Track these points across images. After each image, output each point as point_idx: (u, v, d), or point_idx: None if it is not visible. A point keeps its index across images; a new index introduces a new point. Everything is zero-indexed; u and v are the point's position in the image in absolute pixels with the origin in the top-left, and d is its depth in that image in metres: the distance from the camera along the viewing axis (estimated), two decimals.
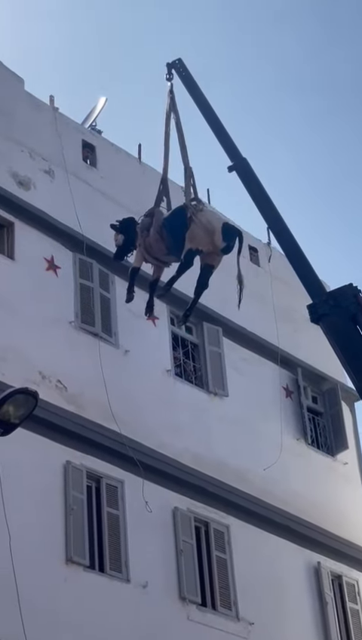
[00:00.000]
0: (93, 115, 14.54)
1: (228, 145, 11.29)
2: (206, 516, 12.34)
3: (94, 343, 12.12)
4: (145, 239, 10.87)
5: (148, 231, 10.86)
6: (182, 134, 11.24)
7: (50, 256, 12.25)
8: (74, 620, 10.23)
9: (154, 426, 12.21)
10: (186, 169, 11.08)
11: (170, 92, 11.48)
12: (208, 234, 10.61)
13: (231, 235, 10.79)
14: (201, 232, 10.58)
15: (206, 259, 10.90)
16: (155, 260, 11.09)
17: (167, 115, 11.33)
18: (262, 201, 10.87)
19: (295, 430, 14.36)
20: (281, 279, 15.17)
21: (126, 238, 11.00)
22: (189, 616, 11.52)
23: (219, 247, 10.72)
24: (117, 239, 11.12)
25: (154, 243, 10.86)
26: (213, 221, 10.71)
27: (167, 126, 11.29)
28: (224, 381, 13.62)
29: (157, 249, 10.91)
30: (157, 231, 10.79)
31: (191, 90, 11.59)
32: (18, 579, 9.66)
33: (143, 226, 10.94)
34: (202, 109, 11.51)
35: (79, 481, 11.02)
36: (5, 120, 12.54)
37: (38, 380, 11.10)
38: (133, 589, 11.04)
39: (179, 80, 11.71)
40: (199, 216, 10.69)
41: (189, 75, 11.66)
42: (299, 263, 10.56)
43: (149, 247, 10.90)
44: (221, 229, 10.65)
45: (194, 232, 10.59)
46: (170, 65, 11.73)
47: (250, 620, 12.13)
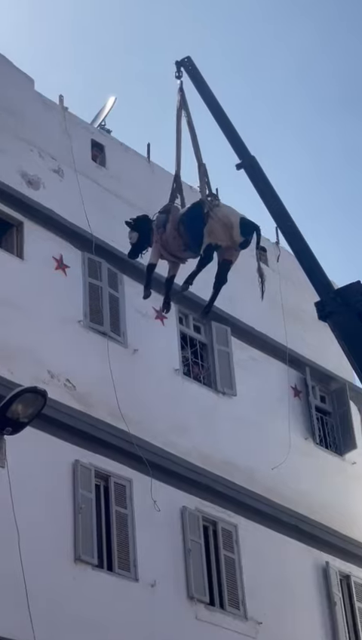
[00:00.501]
0: (102, 115, 14.56)
1: (237, 143, 11.32)
2: (214, 515, 12.34)
3: (103, 342, 12.14)
4: (162, 235, 10.92)
5: (165, 227, 10.89)
6: (194, 131, 11.28)
7: (59, 256, 12.27)
8: (82, 618, 10.24)
9: (162, 425, 12.22)
10: (200, 165, 11.13)
11: (180, 90, 11.52)
12: (226, 229, 10.67)
13: (248, 230, 10.84)
14: (219, 227, 10.64)
15: (224, 254, 10.95)
16: (172, 256, 11.14)
17: (177, 113, 11.38)
18: (270, 198, 10.89)
19: (303, 430, 14.35)
20: (290, 279, 15.16)
21: (140, 236, 11.04)
22: (197, 616, 11.53)
23: (238, 242, 10.79)
24: (131, 237, 11.16)
25: (171, 239, 10.90)
26: (230, 216, 10.77)
27: (179, 124, 11.34)
28: (232, 380, 13.63)
29: (175, 245, 10.95)
30: (175, 227, 10.84)
31: (199, 88, 11.63)
32: (27, 577, 9.68)
33: (159, 223, 10.99)
34: (211, 107, 11.54)
35: (88, 480, 11.04)
36: (15, 119, 12.57)
37: (46, 378, 11.12)
38: (141, 588, 11.06)
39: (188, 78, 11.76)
40: (216, 211, 10.74)
41: (198, 73, 11.69)
42: (306, 261, 10.59)
43: (166, 243, 10.94)
44: (239, 223, 10.70)
45: (213, 227, 10.65)
46: (179, 63, 11.77)
47: (258, 619, 12.13)
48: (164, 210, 11.10)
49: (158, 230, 10.96)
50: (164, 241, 10.95)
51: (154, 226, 11.01)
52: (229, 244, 10.80)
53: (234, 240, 10.76)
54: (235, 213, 10.88)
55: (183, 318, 13.66)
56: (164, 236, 10.93)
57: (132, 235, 11.16)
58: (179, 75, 11.71)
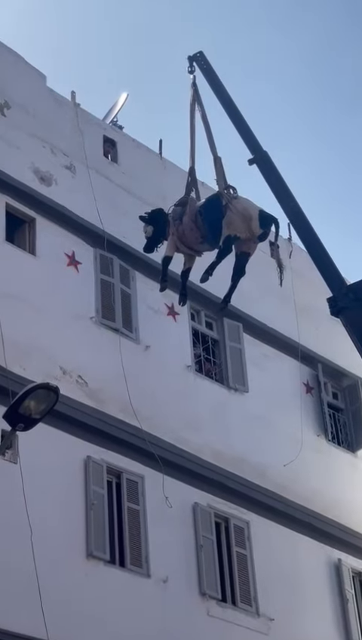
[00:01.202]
0: (114, 111, 14.54)
1: (249, 137, 11.31)
2: (226, 512, 12.34)
3: (115, 338, 12.14)
4: (178, 228, 10.92)
5: (181, 219, 10.90)
6: (209, 126, 11.28)
7: (71, 252, 12.28)
8: (94, 614, 10.26)
9: (174, 421, 12.22)
10: (216, 159, 11.14)
11: (193, 85, 11.53)
12: (245, 221, 10.68)
13: (267, 222, 10.86)
14: (238, 219, 10.65)
15: (241, 246, 10.97)
16: (188, 248, 11.14)
17: (191, 108, 11.38)
18: (283, 193, 10.89)
19: (315, 426, 14.33)
20: (302, 275, 15.12)
21: (155, 229, 11.04)
22: (209, 612, 11.53)
23: (256, 234, 10.80)
24: (146, 231, 11.15)
25: (188, 231, 10.90)
26: (249, 208, 10.78)
27: (192, 118, 11.35)
28: (244, 377, 13.61)
29: (191, 237, 10.95)
30: (192, 219, 10.84)
31: (212, 82, 11.62)
32: (39, 573, 9.71)
33: (175, 215, 10.99)
34: (223, 102, 11.53)
35: (100, 476, 11.05)
36: (27, 116, 12.57)
37: (59, 375, 11.13)
38: (153, 584, 11.07)
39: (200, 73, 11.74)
40: (235, 203, 10.76)
41: (210, 68, 11.68)
42: (318, 256, 10.58)
43: (182, 235, 10.95)
44: (258, 216, 10.71)
45: (231, 219, 10.66)
46: (192, 58, 11.77)
47: (270, 615, 12.13)
48: (180, 202, 11.10)
49: (175, 222, 10.97)
50: (180, 233, 10.96)
51: (171, 218, 11.02)
52: (248, 236, 10.82)
53: (253, 232, 10.78)
54: (254, 206, 10.89)
55: (195, 315, 13.65)
56: (180, 228, 10.94)
57: (147, 229, 11.16)
58: (192, 70, 11.71)
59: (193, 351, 13.26)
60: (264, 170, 11.12)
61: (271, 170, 11.09)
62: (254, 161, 11.22)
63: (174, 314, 13.14)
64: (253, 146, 11.25)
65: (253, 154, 11.22)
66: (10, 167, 11.90)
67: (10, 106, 12.39)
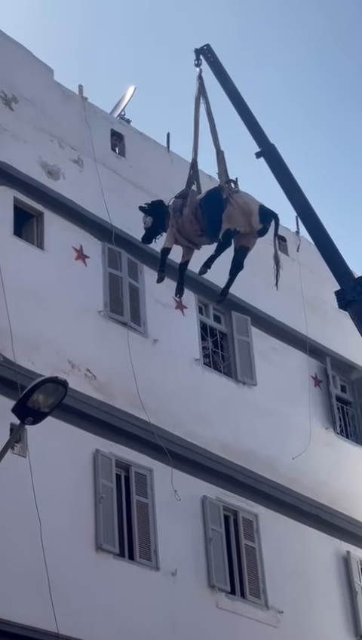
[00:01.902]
0: (121, 105, 14.53)
1: (257, 131, 11.31)
2: (235, 505, 12.35)
3: (123, 332, 12.15)
4: (178, 220, 10.93)
5: (181, 212, 10.90)
6: (213, 119, 11.28)
7: (79, 246, 12.28)
8: (104, 607, 10.29)
9: (182, 414, 12.23)
10: (218, 152, 11.14)
11: (199, 77, 11.52)
12: (245, 215, 10.68)
13: (267, 218, 10.86)
14: (238, 214, 10.65)
15: (241, 240, 10.97)
16: (187, 241, 11.15)
17: (196, 101, 11.38)
18: (290, 186, 10.89)
19: (324, 419, 14.32)
20: (310, 268, 15.11)
21: (154, 221, 11.05)
22: (218, 604, 11.56)
23: (256, 229, 10.82)
24: (146, 222, 11.17)
25: (188, 224, 10.91)
26: (249, 203, 10.78)
27: (197, 111, 11.35)
28: (252, 370, 13.61)
29: (191, 230, 10.96)
30: (192, 212, 10.85)
31: (219, 76, 11.61)
32: (49, 566, 9.74)
33: (176, 207, 11.00)
34: (230, 95, 11.52)
35: (108, 470, 11.08)
36: (35, 110, 12.57)
37: (67, 369, 11.15)
38: (162, 577, 11.09)
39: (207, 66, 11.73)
40: (235, 197, 10.75)
41: (217, 61, 11.67)
42: (326, 249, 10.58)
43: (182, 227, 10.96)
44: (258, 211, 10.70)
45: (231, 213, 10.66)
46: (199, 51, 11.77)
47: (279, 608, 12.15)
48: (181, 194, 11.11)
49: (175, 215, 10.98)
50: (180, 225, 10.97)
51: (171, 210, 11.03)
52: (247, 230, 10.82)
53: (252, 227, 10.79)
54: (254, 201, 10.89)
55: (203, 308, 13.65)
56: (180, 221, 10.95)
57: (146, 220, 11.19)
58: (198, 62, 11.71)
59: (201, 344, 13.27)
60: (271, 163, 11.11)
61: (279, 163, 11.08)
62: (261, 154, 11.21)
63: (182, 307, 13.15)
64: (260, 139, 11.24)
65: (260, 147, 11.22)
66: (17, 161, 11.91)
67: (18, 100, 12.39)
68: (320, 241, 10.68)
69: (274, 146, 11.24)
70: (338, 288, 10.49)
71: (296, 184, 10.96)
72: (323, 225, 10.77)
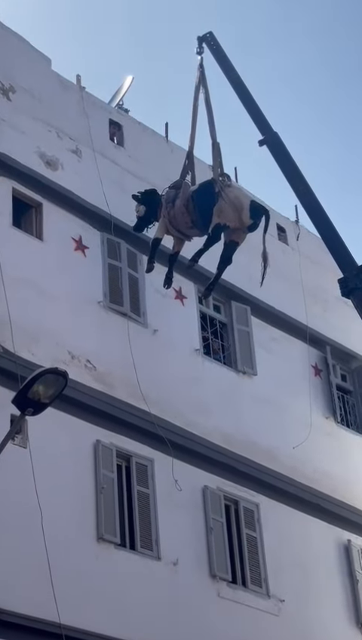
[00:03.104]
0: (120, 94, 14.47)
1: (259, 119, 11.27)
2: (236, 495, 12.36)
3: (123, 322, 12.14)
4: (170, 211, 10.90)
5: (174, 203, 10.86)
6: (211, 109, 11.22)
7: (78, 237, 12.26)
8: (105, 596, 10.32)
9: (183, 405, 12.23)
10: (214, 144, 11.09)
11: (200, 66, 11.45)
12: (236, 210, 10.64)
13: (258, 213, 10.81)
14: (229, 208, 10.61)
15: (231, 235, 10.94)
16: (178, 232, 11.13)
17: (196, 90, 11.32)
18: (293, 174, 10.86)
19: (324, 408, 14.33)
20: (310, 257, 15.10)
21: (147, 210, 11.02)
22: (220, 594, 11.58)
23: (246, 225, 10.77)
24: (138, 210, 11.15)
25: (179, 215, 10.88)
26: (240, 198, 10.73)
27: (196, 100, 11.29)
28: (253, 360, 13.61)
29: (182, 221, 10.93)
30: (184, 204, 10.81)
31: (222, 63, 11.54)
32: (50, 556, 9.76)
33: (168, 198, 10.96)
34: (233, 83, 11.47)
35: (109, 460, 11.09)
36: (32, 100, 12.52)
37: (67, 359, 11.14)
38: (163, 567, 11.12)
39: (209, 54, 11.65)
40: (227, 191, 10.71)
41: (220, 49, 11.60)
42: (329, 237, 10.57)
43: (173, 218, 10.93)
44: (249, 206, 10.65)
45: (222, 208, 10.62)
46: (201, 38, 11.68)
47: (280, 597, 12.18)
48: (174, 185, 11.07)
49: (167, 205, 10.94)
50: (171, 216, 10.94)
51: (164, 200, 11.00)
52: (237, 225, 10.79)
53: (242, 222, 10.75)
54: (246, 196, 10.86)
55: (203, 298, 13.63)
56: (172, 212, 10.92)
57: (139, 209, 11.16)
58: (201, 50, 11.63)
59: (201, 334, 13.26)
60: (274, 152, 11.08)
61: (282, 151, 11.06)
62: (264, 142, 11.18)
63: (182, 298, 13.13)
64: (263, 127, 11.20)
65: (263, 135, 11.19)
66: (16, 151, 11.87)
67: (16, 90, 12.34)
68: (323, 229, 10.67)
69: (277, 133, 11.20)
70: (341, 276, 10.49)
71: (298, 172, 10.94)
72: (325, 213, 10.75)
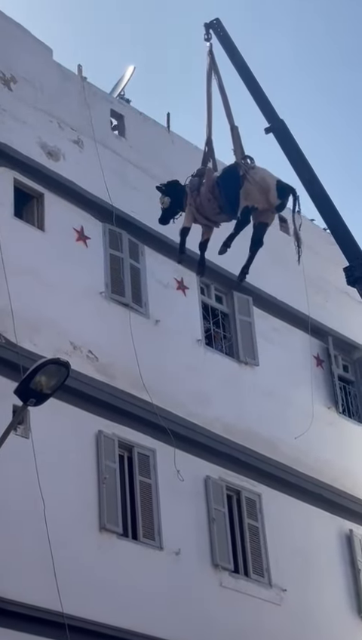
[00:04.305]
0: (121, 84, 14.45)
1: (266, 106, 11.26)
2: (238, 485, 12.39)
3: (125, 313, 12.15)
4: (196, 199, 10.88)
5: (199, 190, 10.85)
6: (225, 94, 11.19)
7: (80, 227, 12.25)
8: (108, 586, 10.35)
9: (185, 395, 12.24)
10: (233, 128, 11.08)
11: (210, 52, 11.43)
12: (263, 191, 10.64)
13: (285, 193, 10.81)
14: (256, 190, 10.62)
15: (259, 216, 10.94)
16: (206, 219, 11.12)
17: (208, 76, 11.29)
18: (299, 162, 10.85)
19: (326, 399, 14.34)
20: (311, 248, 15.06)
21: (172, 201, 11.00)
22: (222, 583, 11.61)
23: (274, 205, 10.77)
24: (163, 202, 11.12)
25: (206, 202, 10.87)
26: (266, 179, 10.73)
27: (209, 87, 11.28)
28: (255, 350, 13.61)
29: (209, 208, 10.92)
30: (210, 190, 10.80)
31: (228, 51, 11.53)
32: (53, 546, 9.79)
33: (193, 186, 10.95)
34: (239, 70, 11.45)
35: (111, 451, 11.11)
36: (34, 90, 12.50)
37: (69, 350, 11.15)
38: (166, 556, 11.15)
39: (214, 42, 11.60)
40: (252, 173, 10.71)
41: (227, 36, 11.59)
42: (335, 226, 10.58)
43: (200, 206, 10.92)
44: (275, 186, 10.65)
45: (249, 190, 10.63)
46: (208, 25, 11.67)
47: (282, 586, 12.21)
48: (198, 173, 11.05)
49: (192, 193, 10.92)
50: (198, 204, 10.92)
51: (188, 189, 10.98)
52: (265, 206, 10.79)
53: (270, 202, 10.75)
54: (271, 176, 10.83)
55: (205, 289, 13.64)
56: (198, 199, 10.90)
57: (164, 200, 11.12)
58: (208, 37, 11.61)
59: (203, 325, 13.26)
60: (280, 139, 11.07)
61: (288, 138, 11.05)
62: (271, 130, 11.17)
63: (184, 288, 13.14)
64: (270, 115, 11.19)
65: (270, 122, 11.17)
66: (17, 142, 11.85)
67: (17, 80, 12.32)
68: (329, 217, 10.67)
69: (283, 121, 11.18)
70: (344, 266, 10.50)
71: (304, 159, 10.93)
72: (331, 201, 10.75)
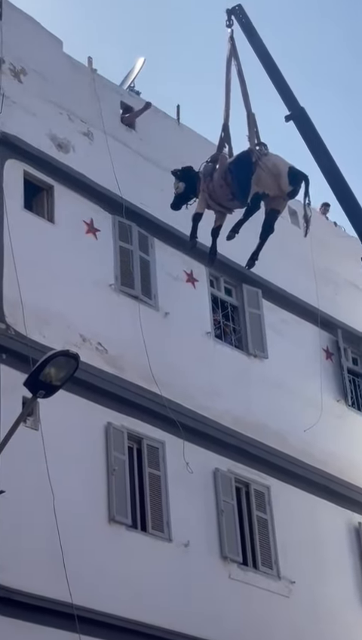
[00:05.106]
0: (131, 76, 14.42)
1: (287, 93, 11.22)
2: (246, 477, 12.40)
3: (134, 305, 12.15)
4: (209, 185, 10.86)
5: (212, 176, 10.83)
6: (244, 81, 11.16)
7: (90, 219, 12.25)
8: (117, 577, 10.38)
9: (194, 387, 12.25)
10: (249, 115, 11.06)
11: (231, 39, 11.39)
12: (274, 178, 10.60)
13: (297, 179, 10.76)
14: (267, 176, 10.57)
15: (271, 203, 10.90)
16: (219, 205, 11.08)
17: (228, 62, 11.27)
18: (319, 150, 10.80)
19: (335, 391, 14.33)
20: (321, 241, 15.04)
21: (187, 186, 10.98)
22: (231, 575, 11.64)
23: (286, 192, 10.72)
24: (178, 187, 11.10)
25: (218, 188, 10.85)
26: (278, 165, 10.68)
27: (228, 73, 11.25)
28: (264, 343, 13.61)
29: (222, 194, 10.90)
30: (222, 176, 10.78)
31: (250, 37, 11.49)
32: (62, 538, 9.82)
33: (206, 172, 10.93)
34: (261, 57, 11.40)
35: (120, 443, 11.13)
36: (44, 82, 12.49)
37: (78, 342, 11.17)
38: (175, 548, 11.17)
39: None
40: (264, 160, 10.66)
41: (249, 22, 11.54)
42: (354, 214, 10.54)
43: (213, 192, 10.89)
44: (287, 172, 10.61)
45: (260, 176, 10.58)
46: (230, 11, 11.63)
47: (291, 578, 12.23)
48: (212, 159, 11.03)
49: (205, 179, 10.90)
50: (211, 190, 10.89)
51: (201, 175, 10.97)
52: (277, 193, 10.73)
53: (282, 189, 10.69)
54: (284, 162, 10.77)
55: (214, 281, 13.63)
56: (211, 185, 10.87)
57: (178, 185, 11.10)
58: (230, 23, 11.58)
59: (212, 317, 13.26)
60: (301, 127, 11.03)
61: (308, 126, 11.00)
62: (291, 118, 11.12)
63: (193, 280, 13.13)
64: (290, 102, 11.15)
65: (290, 110, 11.12)
66: (27, 134, 11.85)
67: (27, 72, 12.31)
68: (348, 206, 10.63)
69: (303, 109, 11.13)
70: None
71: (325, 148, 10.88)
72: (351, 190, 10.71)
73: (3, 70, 11.97)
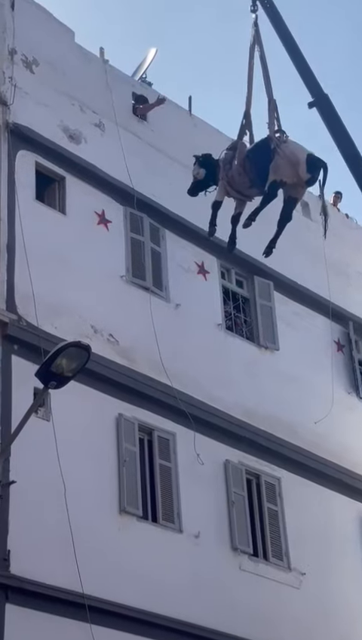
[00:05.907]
0: (143, 67, 14.39)
1: (310, 80, 11.17)
2: (257, 469, 12.41)
3: (145, 297, 12.16)
4: (228, 172, 10.83)
5: (231, 164, 10.80)
6: (267, 67, 11.12)
7: (101, 211, 12.25)
8: (128, 568, 10.41)
9: (205, 379, 12.25)
10: (270, 101, 11.02)
11: (255, 24, 11.35)
12: (292, 165, 10.55)
13: (315, 167, 10.71)
14: (286, 164, 10.52)
15: (289, 191, 10.86)
16: (238, 193, 11.05)
17: (251, 48, 11.23)
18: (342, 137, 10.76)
19: (346, 384, 14.31)
20: (333, 233, 14.99)
21: (207, 173, 10.97)
22: (241, 567, 11.66)
23: (304, 179, 10.67)
24: (198, 173, 11.07)
25: (237, 176, 10.82)
26: (297, 152, 10.63)
27: (251, 59, 11.22)
28: (275, 335, 13.59)
29: (240, 182, 10.87)
30: (241, 164, 10.74)
31: (275, 23, 11.45)
32: (74, 529, 9.86)
33: (226, 160, 10.91)
34: (285, 43, 11.36)
35: (131, 434, 11.14)
36: (56, 73, 12.48)
37: (90, 333, 11.18)
38: (185, 539, 11.19)
39: None
40: (283, 147, 10.61)
41: (274, 8, 11.49)
42: None
43: (232, 180, 10.87)
44: (305, 160, 10.56)
45: (279, 164, 10.54)
46: None
47: (301, 570, 12.24)
48: (232, 147, 10.99)
49: (225, 167, 10.87)
50: (230, 177, 10.87)
51: (221, 162, 10.94)
52: (295, 181, 10.68)
53: (300, 177, 10.64)
54: (303, 150, 10.71)
55: (225, 273, 13.61)
56: (230, 173, 10.85)
57: (199, 171, 11.07)
58: (254, 8, 11.55)
59: (223, 309, 13.25)
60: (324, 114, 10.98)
61: (331, 113, 10.95)
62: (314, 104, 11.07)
63: (204, 272, 13.12)
64: (314, 89, 11.09)
65: (314, 97, 11.07)
66: (39, 125, 11.85)
67: (39, 63, 12.30)
68: None
69: (327, 96, 11.07)
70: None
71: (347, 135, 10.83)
72: None
73: (15, 61, 11.96)
